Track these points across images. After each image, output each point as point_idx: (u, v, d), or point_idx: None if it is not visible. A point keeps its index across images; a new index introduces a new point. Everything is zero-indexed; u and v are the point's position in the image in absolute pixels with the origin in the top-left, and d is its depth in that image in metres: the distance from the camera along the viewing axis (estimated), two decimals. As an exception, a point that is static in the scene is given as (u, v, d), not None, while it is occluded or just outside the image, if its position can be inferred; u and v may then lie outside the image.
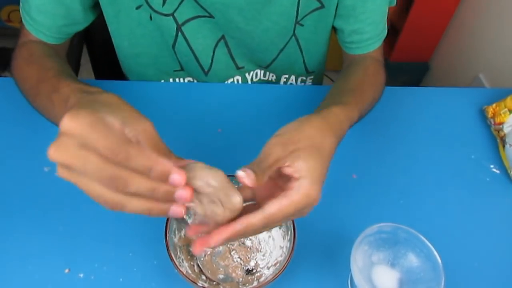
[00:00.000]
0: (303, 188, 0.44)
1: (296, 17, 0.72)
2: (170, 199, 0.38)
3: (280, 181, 0.47)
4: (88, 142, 0.35)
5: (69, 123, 0.35)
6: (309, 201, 0.44)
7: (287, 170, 0.45)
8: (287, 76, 0.86)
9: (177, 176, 0.37)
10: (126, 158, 0.35)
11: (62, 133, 0.35)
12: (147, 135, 0.38)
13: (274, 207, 0.43)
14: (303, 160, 0.45)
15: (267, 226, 0.43)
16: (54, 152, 0.34)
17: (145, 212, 0.38)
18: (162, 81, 0.83)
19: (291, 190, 0.44)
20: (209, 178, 0.41)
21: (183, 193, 0.38)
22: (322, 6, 0.72)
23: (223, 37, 0.75)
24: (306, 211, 0.45)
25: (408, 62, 1.83)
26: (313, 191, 0.44)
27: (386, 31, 0.75)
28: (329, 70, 0.94)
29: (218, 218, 0.42)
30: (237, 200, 0.42)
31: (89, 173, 0.35)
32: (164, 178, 0.37)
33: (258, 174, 0.42)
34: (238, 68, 0.81)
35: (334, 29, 0.77)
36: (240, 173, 0.42)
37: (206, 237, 0.42)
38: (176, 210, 0.39)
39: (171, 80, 0.83)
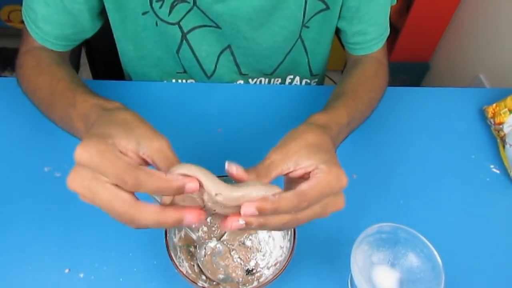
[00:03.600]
0: (325, 168, 0.43)
1: (303, 20, 0.72)
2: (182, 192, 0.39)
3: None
4: (99, 171, 0.36)
5: (80, 154, 0.36)
6: (336, 177, 0.43)
7: (298, 172, 0.44)
8: (292, 77, 0.86)
9: (192, 184, 0.38)
10: (136, 185, 0.37)
11: (76, 163, 0.37)
12: (161, 155, 0.40)
13: (304, 185, 0.41)
14: (307, 157, 0.44)
15: (300, 205, 0.41)
16: (71, 183, 0.37)
17: (156, 224, 0.38)
18: (164, 81, 0.83)
19: (314, 173, 0.43)
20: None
21: (191, 185, 0.38)
22: (327, 8, 0.72)
23: (229, 46, 0.75)
24: (340, 200, 0.44)
25: (408, 62, 1.83)
26: (336, 168, 0.43)
27: (389, 30, 0.75)
28: (329, 70, 0.94)
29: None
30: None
31: (104, 201, 0.37)
32: (181, 191, 0.38)
33: (251, 173, 0.43)
34: (241, 74, 0.82)
35: (337, 29, 0.77)
36: (227, 163, 0.42)
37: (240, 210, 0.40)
38: (192, 217, 0.38)
39: (173, 81, 0.83)
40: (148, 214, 0.37)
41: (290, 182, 0.47)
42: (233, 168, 0.42)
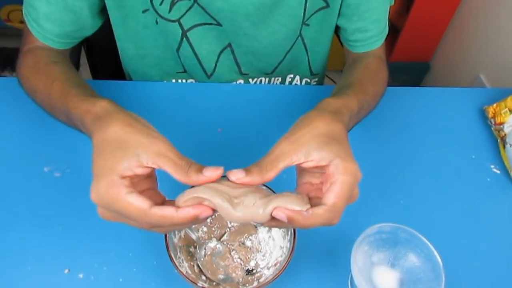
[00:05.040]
0: (341, 166, 0.42)
1: (303, 17, 0.72)
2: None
3: (308, 177, 0.47)
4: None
5: (95, 200, 0.41)
6: (353, 176, 0.43)
7: (309, 165, 0.44)
8: (292, 76, 0.86)
9: (205, 213, 0.42)
10: (152, 228, 0.42)
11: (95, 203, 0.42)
12: (162, 159, 0.42)
13: (331, 197, 0.42)
14: (317, 148, 0.43)
15: (331, 218, 0.42)
16: (101, 216, 0.43)
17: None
18: (164, 81, 0.83)
19: (331, 174, 0.42)
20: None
21: (205, 214, 0.41)
22: (327, 6, 0.72)
23: (229, 45, 0.75)
24: (356, 191, 0.44)
25: (408, 62, 1.83)
26: (351, 165, 0.43)
27: (388, 29, 0.76)
28: (329, 70, 0.94)
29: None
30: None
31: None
32: (197, 222, 0.42)
33: (253, 171, 0.42)
34: (242, 73, 0.81)
35: (336, 28, 0.77)
36: (227, 172, 0.42)
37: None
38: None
39: (173, 81, 0.83)
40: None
41: (302, 171, 0.47)
42: (232, 177, 0.42)
